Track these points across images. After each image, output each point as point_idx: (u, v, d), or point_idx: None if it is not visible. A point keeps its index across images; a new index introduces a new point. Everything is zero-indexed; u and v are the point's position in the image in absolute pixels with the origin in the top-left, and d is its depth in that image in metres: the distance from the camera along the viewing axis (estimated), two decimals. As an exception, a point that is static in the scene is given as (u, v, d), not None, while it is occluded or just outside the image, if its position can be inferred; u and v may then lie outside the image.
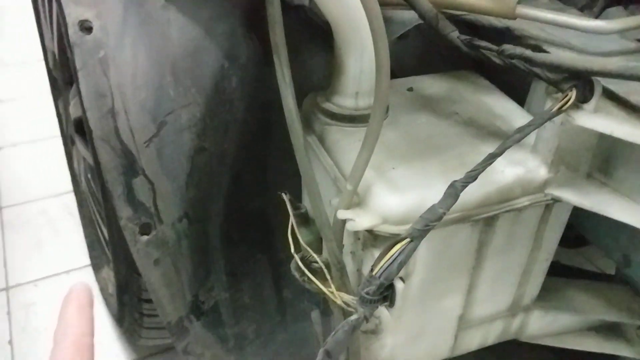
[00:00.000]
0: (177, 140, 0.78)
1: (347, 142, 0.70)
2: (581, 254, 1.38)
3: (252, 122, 0.83)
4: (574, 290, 0.84)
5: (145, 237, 0.81)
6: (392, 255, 0.59)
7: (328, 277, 0.69)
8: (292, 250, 0.71)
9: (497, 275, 0.74)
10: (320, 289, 0.66)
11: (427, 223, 0.58)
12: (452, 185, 0.59)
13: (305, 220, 0.82)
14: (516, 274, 0.76)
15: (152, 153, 0.78)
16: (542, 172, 0.67)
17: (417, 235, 0.59)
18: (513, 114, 0.75)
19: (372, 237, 0.64)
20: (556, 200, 0.68)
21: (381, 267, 0.59)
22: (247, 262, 0.99)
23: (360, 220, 0.62)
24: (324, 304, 0.91)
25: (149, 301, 1.06)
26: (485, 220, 0.67)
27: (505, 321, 0.81)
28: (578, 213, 0.75)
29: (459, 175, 0.58)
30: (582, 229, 0.80)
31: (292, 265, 0.71)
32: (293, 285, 1.06)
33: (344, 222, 0.64)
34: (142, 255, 0.81)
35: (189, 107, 0.78)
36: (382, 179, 0.64)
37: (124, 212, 0.79)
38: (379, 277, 0.59)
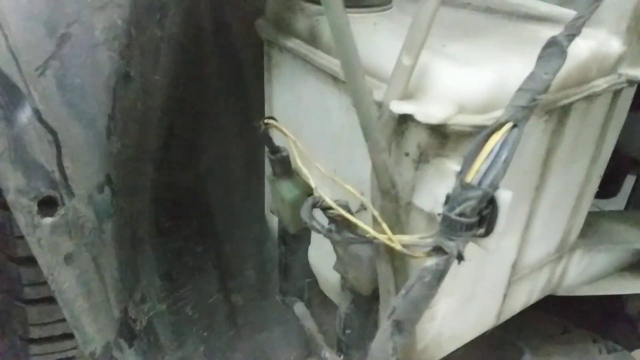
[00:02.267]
0: (89, 62, 0.52)
1: (360, 30, 0.49)
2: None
3: (188, 44, 0.59)
4: (612, 222, 0.71)
5: (49, 220, 0.52)
6: (491, 152, 0.39)
7: (356, 221, 0.47)
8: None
9: (555, 200, 0.57)
10: (370, 235, 0.44)
11: (534, 96, 0.40)
12: (554, 42, 0.41)
13: (286, 168, 0.59)
14: (572, 196, 0.60)
15: (50, 84, 0.50)
16: (614, 44, 0.51)
17: (522, 116, 0.40)
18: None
19: (437, 141, 0.43)
20: (631, 81, 0.52)
21: (478, 171, 0.39)
22: (183, 258, 0.72)
23: (427, 112, 0.41)
24: (308, 290, 0.68)
25: (39, 342, 0.74)
26: (559, 114, 0.50)
27: (550, 268, 0.65)
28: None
29: (522, 51, 0.42)
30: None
31: (304, 213, 0.47)
32: (242, 286, 0.81)
33: (394, 122, 0.43)
34: (45, 248, 0.52)
35: (106, 10, 0.52)
36: (441, 56, 0.44)
37: (12, 180, 0.50)
38: (478, 184, 0.38)
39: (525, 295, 0.64)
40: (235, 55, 0.66)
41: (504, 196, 0.40)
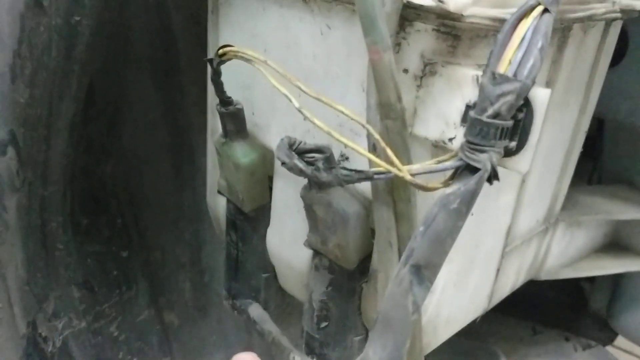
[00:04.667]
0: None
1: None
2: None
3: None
4: (590, 195, 0.66)
5: None
6: (523, 39, 0.32)
7: (354, 146, 0.38)
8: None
9: (547, 154, 0.51)
10: (375, 164, 0.34)
11: (562, -21, 0.33)
12: None
13: (240, 126, 0.49)
14: (561, 152, 0.54)
15: None
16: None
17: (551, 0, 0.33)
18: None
19: (447, 45, 0.36)
20: (623, 11, 0.48)
21: (511, 61, 0.32)
22: (106, 265, 0.59)
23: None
24: (265, 288, 0.56)
25: None
26: (559, 40, 0.44)
27: (537, 242, 0.58)
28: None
29: None
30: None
31: (281, 152, 0.38)
32: (177, 302, 0.67)
33: (397, 14, 0.35)
34: None
35: None
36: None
37: None
38: (514, 76, 0.31)
39: (514, 274, 0.56)
40: (166, 16, 0.57)
41: (541, 95, 0.33)
